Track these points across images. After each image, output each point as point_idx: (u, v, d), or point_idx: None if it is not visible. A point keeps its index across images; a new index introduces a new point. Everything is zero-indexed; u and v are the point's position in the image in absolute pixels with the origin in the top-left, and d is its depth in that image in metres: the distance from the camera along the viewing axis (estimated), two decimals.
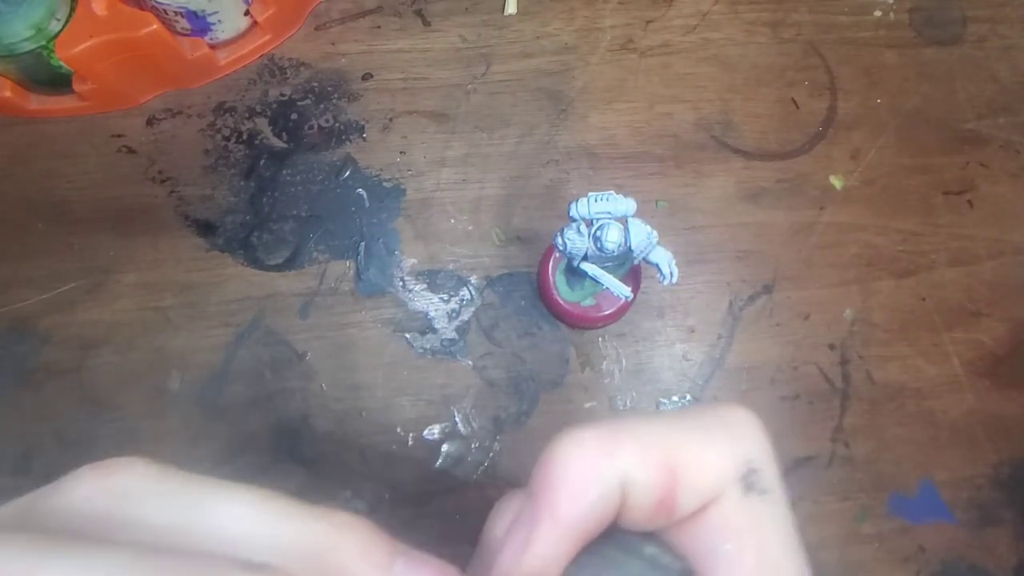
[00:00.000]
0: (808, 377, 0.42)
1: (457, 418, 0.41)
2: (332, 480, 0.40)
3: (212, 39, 0.44)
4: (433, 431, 0.41)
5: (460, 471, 0.40)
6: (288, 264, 0.43)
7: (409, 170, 0.44)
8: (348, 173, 0.44)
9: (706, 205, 0.44)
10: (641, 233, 0.32)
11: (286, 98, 0.45)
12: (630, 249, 0.32)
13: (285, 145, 0.45)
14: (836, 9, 0.48)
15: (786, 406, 0.41)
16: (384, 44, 0.46)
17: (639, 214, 0.32)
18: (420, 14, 0.47)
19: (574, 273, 0.36)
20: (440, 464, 0.40)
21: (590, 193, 0.31)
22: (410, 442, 0.40)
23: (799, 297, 0.43)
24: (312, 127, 0.45)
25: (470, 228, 0.43)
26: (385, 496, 0.39)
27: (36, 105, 0.44)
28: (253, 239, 0.43)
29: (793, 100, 0.46)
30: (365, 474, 0.40)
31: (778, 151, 0.45)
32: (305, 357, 0.41)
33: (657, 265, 0.33)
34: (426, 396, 0.41)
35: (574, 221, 0.32)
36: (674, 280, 0.33)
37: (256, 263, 0.43)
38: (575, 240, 0.32)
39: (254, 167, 0.44)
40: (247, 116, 0.45)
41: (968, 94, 0.47)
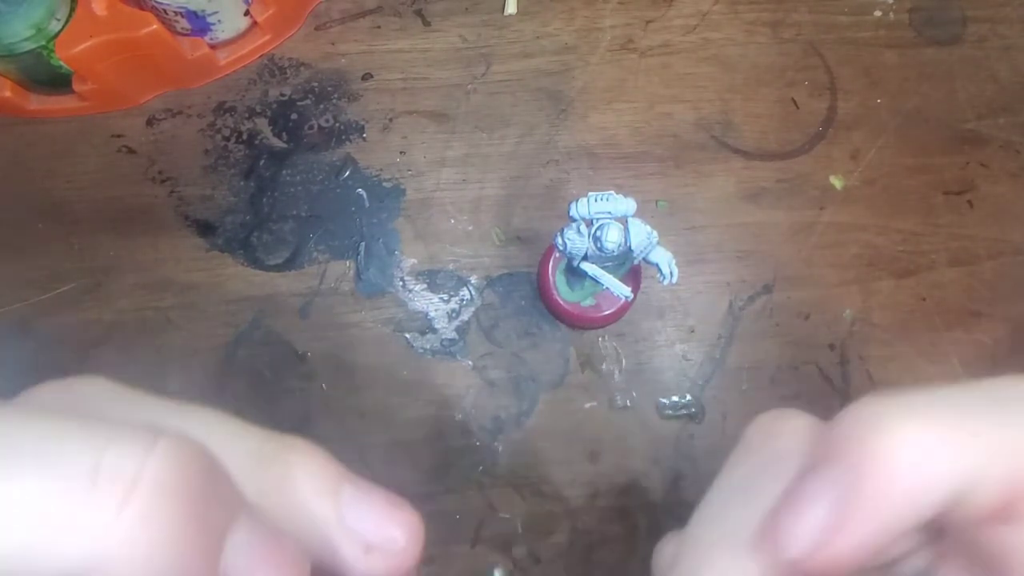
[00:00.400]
0: (808, 377, 0.42)
1: (457, 418, 0.41)
2: None
3: (212, 39, 0.44)
4: (433, 431, 0.41)
5: (460, 471, 0.40)
6: (288, 264, 0.43)
7: (409, 170, 0.44)
8: (348, 173, 0.44)
9: (706, 205, 0.44)
10: (641, 233, 0.32)
11: (286, 98, 0.45)
12: (630, 249, 0.32)
13: (285, 145, 0.45)
14: (836, 9, 0.48)
15: (786, 406, 0.41)
16: (384, 44, 0.46)
17: (639, 214, 0.32)
18: (420, 14, 0.47)
19: (574, 273, 0.36)
20: (440, 464, 0.40)
21: (590, 193, 0.31)
22: (410, 442, 0.40)
23: (799, 297, 0.43)
24: (312, 127, 0.45)
25: (470, 228, 0.43)
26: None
27: (36, 105, 0.44)
28: (253, 239, 0.43)
29: (793, 100, 0.46)
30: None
31: (778, 151, 0.45)
32: (305, 357, 0.41)
33: (657, 265, 0.33)
34: (426, 396, 0.41)
35: (574, 221, 0.32)
36: (674, 280, 0.33)
37: (256, 263, 0.43)
38: (575, 240, 0.32)
39: (254, 167, 0.44)
40: (247, 116, 0.45)
41: (968, 94, 0.47)
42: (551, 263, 0.40)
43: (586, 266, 0.34)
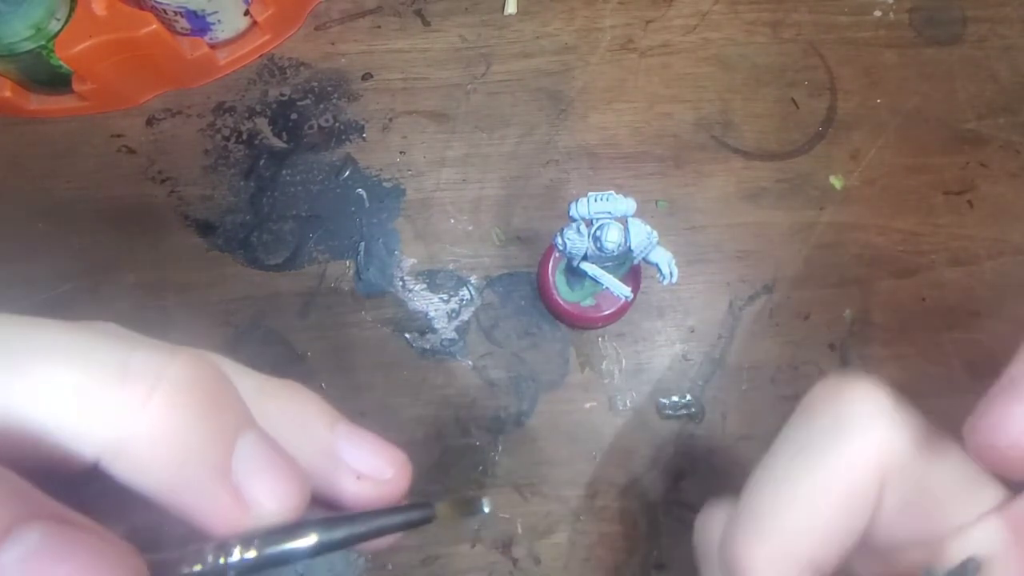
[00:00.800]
0: (808, 377, 0.42)
1: (457, 418, 0.41)
2: None
3: (212, 39, 0.44)
4: (433, 431, 0.41)
5: (460, 471, 0.40)
6: (288, 264, 0.43)
7: (409, 170, 0.44)
8: (348, 173, 0.44)
9: (706, 205, 0.44)
10: (641, 233, 0.32)
11: (286, 98, 0.45)
12: (630, 249, 0.32)
13: (285, 145, 0.45)
14: (836, 9, 0.48)
15: (786, 406, 0.41)
16: (384, 44, 0.46)
17: (639, 214, 0.32)
18: (420, 14, 0.47)
19: (574, 273, 0.36)
20: (440, 464, 0.40)
21: (590, 193, 0.31)
22: (410, 442, 0.40)
23: (799, 297, 0.43)
24: (312, 127, 0.45)
25: (470, 228, 0.43)
26: None
27: (36, 105, 0.44)
28: (253, 239, 0.43)
29: (793, 100, 0.46)
30: None
31: (778, 151, 0.45)
32: (305, 357, 0.41)
33: (657, 265, 0.33)
34: (426, 396, 0.41)
35: (574, 221, 0.32)
36: (674, 280, 0.33)
37: (256, 263, 0.43)
38: (575, 240, 0.32)
39: (254, 167, 0.44)
40: (247, 116, 0.45)
41: (968, 94, 0.47)
42: (551, 263, 0.40)
43: (586, 266, 0.34)
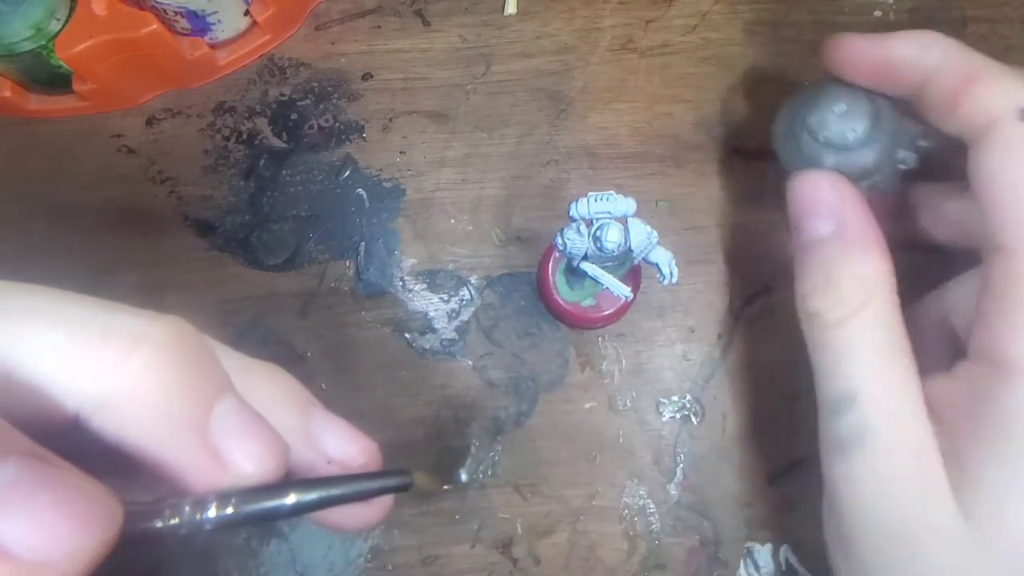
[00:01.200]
0: (809, 377, 0.42)
1: (457, 418, 0.41)
2: None
3: (212, 39, 0.44)
4: (433, 431, 0.41)
5: (465, 480, 0.40)
6: (288, 264, 0.43)
7: (409, 170, 0.44)
8: (348, 173, 0.44)
9: (706, 205, 0.44)
10: (641, 233, 0.32)
11: (286, 98, 0.45)
12: (630, 249, 0.32)
13: (285, 145, 0.45)
14: (836, 9, 0.48)
15: (786, 406, 0.41)
16: (384, 44, 0.46)
17: (639, 214, 0.32)
18: (420, 14, 0.47)
19: (574, 273, 0.36)
20: (440, 464, 0.40)
21: (590, 193, 0.31)
22: (410, 442, 0.40)
23: None
24: (312, 127, 0.45)
25: (470, 228, 0.43)
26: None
27: (36, 105, 0.44)
28: (253, 239, 0.43)
29: None
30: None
31: None
32: (305, 357, 0.41)
33: (657, 265, 0.33)
34: (426, 396, 0.41)
35: (574, 221, 0.32)
36: (674, 280, 0.33)
37: (256, 263, 0.43)
38: (575, 240, 0.32)
39: (254, 167, 0.44)
40: (247, 116, 0.45)
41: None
42: (551, 263, 0.40)
43: (586, 266, 0.34)
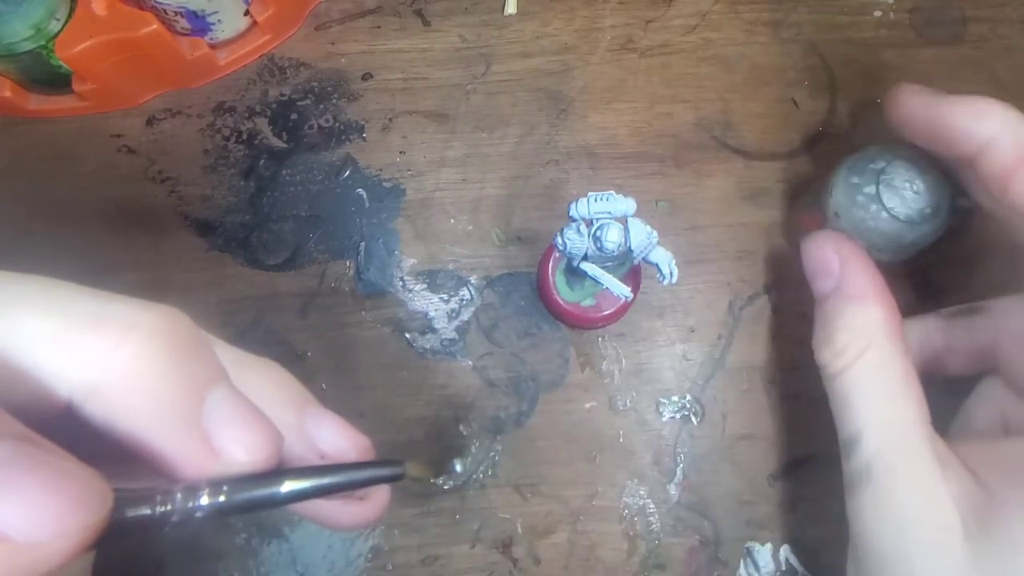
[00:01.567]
0: (808, 377, 0.42)
1: (457, 418, 0.41)
2: None
3: (212, 39, 0.44)
4: (433, 431, 0.41)
5: (460, 471, 0.40)
6: (288, 264, 0.43)
7: (409, 170, 0.44)
8: (348, 173, 0.44)
9: (706, 205, 0.44)
10: (641, 233, 0.32)
11: (286, 98, 0.45)
12: (630, 249, 0.32)
13: (285, 145, 0.45)
14: (836, 9, 0.48)
15: (786, 406, 0.41)
16: (384, 44, 0.46)
17: (639, 214, 0.32)
18: (420, 14, 0.47)
19: (574, 273, 0.36)
20: (440, 464, 0.40)
21: (590, 193, 0.31)
22: (410, 442, 0.40)
23: (799, 297, 0.43)
24: (312, 127, 0.45)
25: (470, 228, 0.43)
26: (388, 492, 0.39)
27: (36, 105, 0.44)
28: (253, 239, 0.43)
29: (793, 100, 0.46)
30: None
31: (778, 151, 0.45)
32: (305, 357, 0.41)
33: (657, 265, 0.33)
34: (426, 396, 0.41)
35: (574, 221, 0.32)
36: (674, 280, 0.33)
37: (256, 263, 0.43)
38: (575, 240, 0.32)
39: (254, 167, 0.44)
40: (247, 116, 0.45)
41: (968, 94, 0.47)
42: (551, 263, 0.40)
43: (586, 266, 0.34)
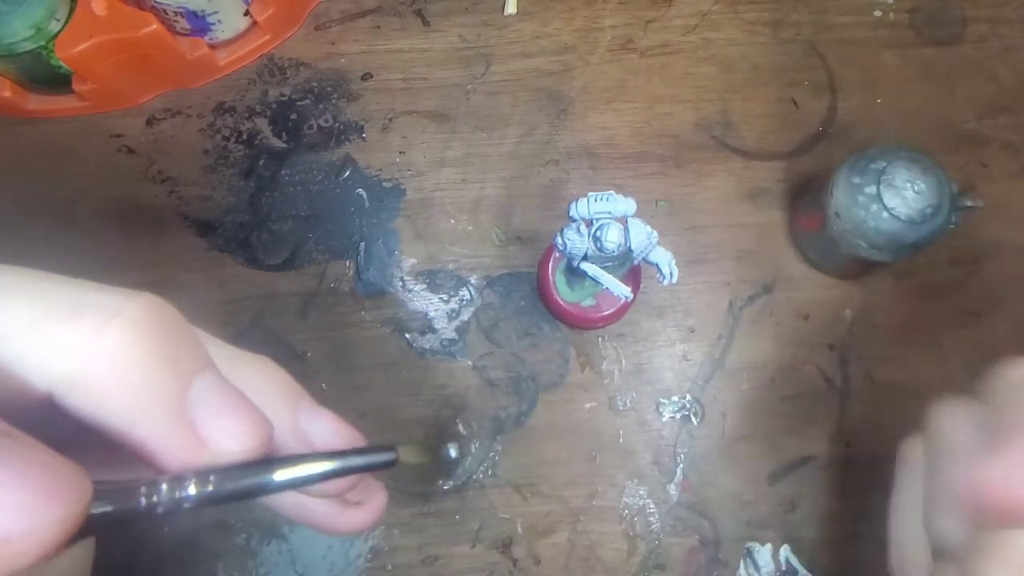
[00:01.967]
0: (808, 377, 0.42)
1: (457, 418, 0.41)
2: None
3: (212, 39, 0.44)
4: (433, 431, 0.41)
5: (460, 471, 0.40)
6: (288, 264, 0.43)
7: (409, 170, 0.44)
8: (348, 173, 0.44)
9: (706, 205, 0.44)
10: (641, 233, 0.32)
11: (286, 98, 0.45)
12: (630, 249, 0.32)
13: (285, 145, 0.45)
14: (836, 9, 0.48)
15: (786, 406, 0.41)
16: (384, 44, 0.46)
17: (639, 214, 0.32)
18: (420, 14, 0.47)
19: (574, 273, 0.36)
20: (440, 464, 0.40)
21: (590, 193, 0.31)
22: (410, 442, 0.40)
23: (799, 297, 0.43)
24: (312, 127, 0.45)
25: (470, 228, 0.43)
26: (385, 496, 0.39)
27: (36, 105, 0.44)
28: (253, 239, 0.43)
29: (793, 100, 0.46)
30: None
31: (778, 151, 0.45)
32: (305, 357, 0.41)
33: (657, 265, 0.33)
34: (426, 396, 0.41)
35: (574, 221, 0.32)
36: (674, 280, 0.33)
37: (256, 263, 0.43)
38: (575, 240, 0.32)
39: (254, 167, 0.44)
40: (247, 116, 0.45)
41: (968, 94, 0.47)
42: (551, 263, 0.40)
43: (586, 266, 0.34)
